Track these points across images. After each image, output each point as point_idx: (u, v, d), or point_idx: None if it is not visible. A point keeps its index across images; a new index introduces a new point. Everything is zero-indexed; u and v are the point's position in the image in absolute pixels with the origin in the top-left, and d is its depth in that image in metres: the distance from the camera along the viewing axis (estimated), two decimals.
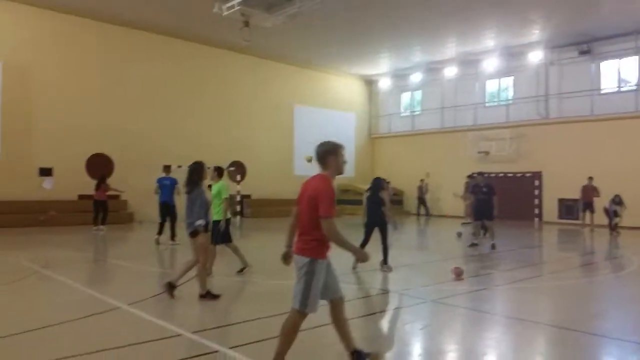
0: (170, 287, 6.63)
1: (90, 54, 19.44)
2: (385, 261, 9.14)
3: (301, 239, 3.99)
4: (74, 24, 19.01)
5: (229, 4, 16.19)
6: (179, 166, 17.12)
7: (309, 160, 23.34)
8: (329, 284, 4.03)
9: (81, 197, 18.49)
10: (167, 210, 12.87)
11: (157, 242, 12.58)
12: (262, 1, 16.53)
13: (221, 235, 8.36)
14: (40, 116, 18.29)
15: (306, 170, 26.32)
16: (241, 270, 8.63)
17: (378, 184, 9.66)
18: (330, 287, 4.04)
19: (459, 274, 8.37)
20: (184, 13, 18.69)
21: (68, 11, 18.64)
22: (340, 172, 4.11)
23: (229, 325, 5.62)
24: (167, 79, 21.34)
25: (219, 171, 8.49)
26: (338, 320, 4.10)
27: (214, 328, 5.54)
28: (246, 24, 17.26)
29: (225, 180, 8.65)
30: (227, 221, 8.47)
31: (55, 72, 18.65)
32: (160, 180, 13.13)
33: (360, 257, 4.12)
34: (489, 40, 21.85)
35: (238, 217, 20.66)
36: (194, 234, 6.64)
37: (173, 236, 12.65)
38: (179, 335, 5.05)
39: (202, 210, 6.63)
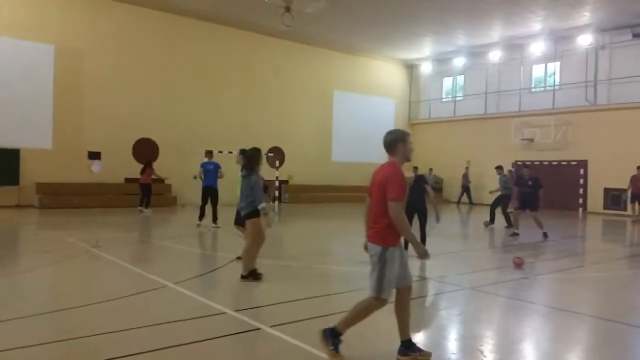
0: (253, 275, 6.86)
1: (139, 41, 20.00)
2: None
3: (373, 227, 4.05)
4: (124, 10, 19.58)
5: None
6: (220, 151, 17.57)
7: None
8: (400, 271, 4.06)
9: (127, 180, 19.19)
10: (210, 194, 13.15)
11: (199, 226, 12.98)
12: None
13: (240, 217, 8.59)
14: (90, 101, 19.02)
15: (345, 157, 26.16)
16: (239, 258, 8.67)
17: (422, 179, 9.85)
18: (400, 275, 4.07)
19: (519, 264, 8.34)
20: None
21: None
22: (408, 159, 4.18)
23: (270, 305, 5.81)
24: (210, 65, 21.73)
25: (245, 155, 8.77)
26: (401, 308, 4.14)
27: (255, 307, 5.76)
28: (287, 9, 17.35)
29: None
30: None
31: (105, 58, 19.29)
32: (204, 165, 13.30)
33: (420, 252, 4.07)
34: (536, 24, 21.17)
35: (276, 203, 20.98)
36: (249, 215, 6.85)
37: (215, 219, 12.96)
38: (223, 313, 5.27)
39: (260, 194, 6.85)
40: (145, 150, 19.59)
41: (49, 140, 18.17)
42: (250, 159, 7.01)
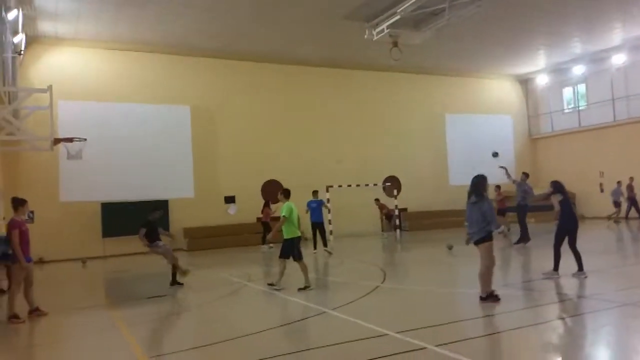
0: (491, 297, 7.02)
1: (262, 92, 21.95)
2: (579, 267, 8.78)
3: None
4: (247, 67, 21.69)
5: (379, 29, 17.03)
6: (349, 185, 18.37)
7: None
8: None
9: (258, 219, 20.66)
10: (317, 228, 15.39)
11: (315, 253, 14.88)
12: (409, 20, 17.03)
13: (288, 251, 8.92)
14: (223, 151, 21.09)
15: (463, 180, 25.57)
16: (303, 289, 8.85)
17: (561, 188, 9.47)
18: None
19: None
20: (339, 44, 20.22)
21: (239, 58, 21.31)
22: None
23: (428, 327, 5.97)
24: (327, 107, 23.15)
25: (285, 193, 9.38)
26: None
27: (415, 329, 5.90)
28: (395, 44, 17.93)
29: (290, 201, 9.23)
30: (294, 240, 8.97)
31: (234, 112, 21.43)
32: (309, 204, 15.40)
33: None
34: None
35: (398, 231, 21.20)
36: (482, 240, 7.03)
37: (325, 244, 15.26)
38: (385, 334, 5.66)
39: (494, 218, 7.08)
40: (272, 191, 20.99)
41: (191, 189, 20.31)
42: (476, 185, 7.24)
